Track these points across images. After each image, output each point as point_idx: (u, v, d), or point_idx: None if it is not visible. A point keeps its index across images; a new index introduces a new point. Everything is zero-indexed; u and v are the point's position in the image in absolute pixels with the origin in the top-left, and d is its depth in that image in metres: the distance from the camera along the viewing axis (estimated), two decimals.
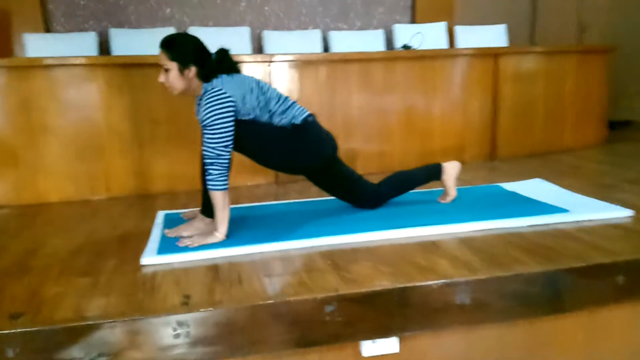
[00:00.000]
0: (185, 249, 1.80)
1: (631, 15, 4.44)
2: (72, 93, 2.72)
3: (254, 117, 1.97)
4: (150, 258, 1.74)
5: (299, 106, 2.09)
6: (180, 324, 1.37)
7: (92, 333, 1.33)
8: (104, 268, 1.73)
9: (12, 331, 1.30)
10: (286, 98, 2.07)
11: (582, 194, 2.39)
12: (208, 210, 2.00)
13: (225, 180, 1.85)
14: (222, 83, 1.90)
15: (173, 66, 1.89)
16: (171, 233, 2.00)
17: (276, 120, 2.01)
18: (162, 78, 1.93)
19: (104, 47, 3.96)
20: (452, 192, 2.33)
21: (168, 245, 1.84)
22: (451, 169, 2.32)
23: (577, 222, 2.00)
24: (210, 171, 1.84)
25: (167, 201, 2.65)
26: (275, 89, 2.07)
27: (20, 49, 3.81)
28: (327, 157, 2.13)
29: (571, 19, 4.84)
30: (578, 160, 3.32)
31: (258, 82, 2.02)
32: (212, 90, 1.87)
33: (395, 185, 2.33)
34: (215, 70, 1.93)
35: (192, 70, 1.90)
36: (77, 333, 1.32)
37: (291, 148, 2.04)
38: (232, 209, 1.94)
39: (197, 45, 1.93)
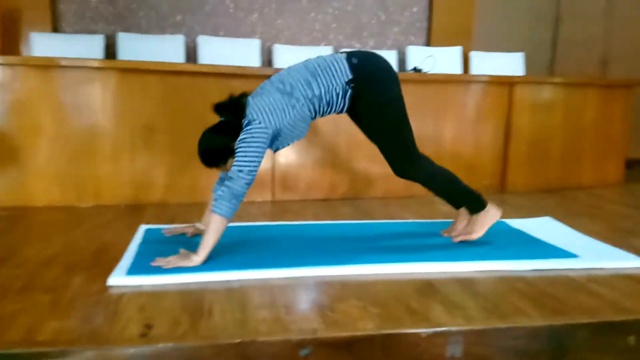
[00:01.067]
0: (157, 270, 1.66)
1: None
2: (69, 95, 2.63)
3: (309, 112, 1.87)
4: (119, 278, 1.60)
5: (332, 59, 1.88)
6: (133, 358, 1.23)
7: None
8: (70, 285, 1.60)
9: None
10: (314, 66, 1.87)
11: (596, 237, 2.22)
12: None
13: (227, 207, 1.72)
14: (253, 115, 1.80)
15: (230, 162, 1.87)
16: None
17: (327, 97, 1.86)
18: None
19: (111, 50, 3.90)
20: (475, 234, 2.08)
21: (140, 265, 1.71)
22: (497, 214, 2.10)
23: (588, 269, 1.83)
24: (219, 190, 1.75)
25: (155, 214, 2.53)
26: (295, 73, 1.87)
27: (28, 47, 3.76)
28: (395, 74, 1.98)
29: (595, 51, 4.70)
30: (595, 199, 3.14)
31: (278, 88, 1.84)
32: (247, 124, 1.80)
33: (437, 173, 2.06)
34: (233, 126, 1.83)
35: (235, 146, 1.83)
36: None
37: (377, 97, 1.90)
38: None
39: (212, 135, 1.88)
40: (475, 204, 2.09)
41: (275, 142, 1.88)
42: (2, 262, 1.79)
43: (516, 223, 2.43)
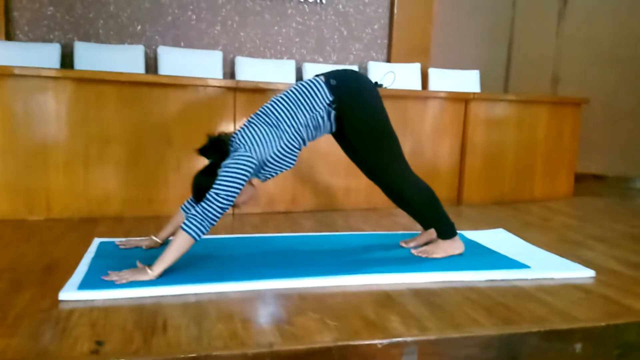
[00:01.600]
0: (110, 284, 1.62)
1: (606, 69, 4.51)
2: (21, 105, 2.54)
3: (298, 142, 1.89)
4: (70, 293, 1.55)
5: (311, 83, 1.91)
6: None
7: None
8: (17, 301, 1.54)
9: None
10: (295, 95, 1.90)
11: (546, 248, 2.30)
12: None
13: (197, 228, 1.70)
14: (241, 144, 1.83)
15: None
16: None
17: (314, 122, 1.90)
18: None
19: (68, 60, 3.81)
20: (435, 255, 2.10)
21: (92, 280, 1.66)
22: (461, 247, 2.15)
23: (538, 279, 1.90)
24: (194, 209, 1.73)
25: (110, 227, 2.47)
26: (278, 105, 1.90)
27: None
28: (376, 89, 2.02)
29: (546, 70, 4.90)
30: (546, 211, 3.26)
31: (265, 121, 1.87)
32: (234, 151, 1.82)
33: (425, 192, 2.10)
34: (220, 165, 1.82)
35: None
36: None
37: (361, 114, 1.92)
38: None
39: (202, 177, 1.86)
40: (446, 230, 2.14)
41: (262, 172, 1.91)
42: None
43: (471, 234, 2.49)
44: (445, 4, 4.82)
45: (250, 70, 4.10)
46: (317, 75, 1.98)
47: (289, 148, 1.89)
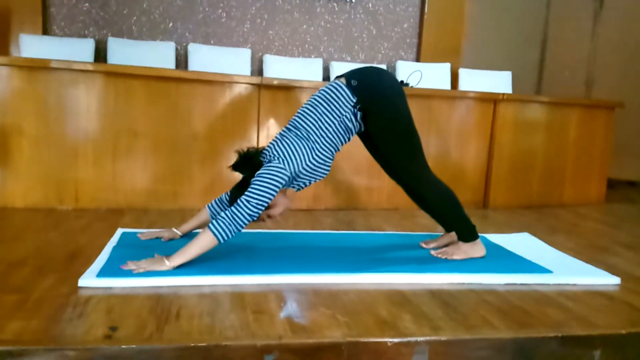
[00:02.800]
0: (127, 273, 1.65)
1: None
2: (54, 97, 2.63)
3: (330, 150, 1.92)
4: (89, 280, 1.59)
5: (333, 88, 1.91)
6: (95, 359, 1.22)
7: None
8: (39, 286, 1.59)
9: None
10: (320, 103, 1.90)
11: (572, 254, 2.24)
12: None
13: (224, 231, 1.72)
14: (275, 156, 1.85)
15: None
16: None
17: (342, 126, 1.91)
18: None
19: (101, 55, 3.92)
20: (454, 257, 2.07)
21: (112, 268, 1.70)
22: (482, 251, 2.11)
23: (560, 285, 1.85)
24: (223, 212, 1.75)
25: (135, 218, 2.52)
26: (306, 116, 1.90)
27: (17, 49, 3.76)
28: (398, 86, 2.01)
29: (580, 73, 4.77)
30: (574, 217, 3.17)
31: (296, 134, 1.89)
32: (268, 161, 1.84)
33: (445, 194, 2.07)
34: (253, 167, 1.85)
35: None
36: None
37: (383, 111, 1.92)
38: (195, 234, 1.82)
39: (238, 191, 1.87)
40: (467, 233, 2.10)
41: (295, 181, 1.92)
42: None
43: (494, 238, 2.44)
44: (477, 5, 4.75)
45: (278, 68, 4.12)
46: (337, 77, 1.98)
47: (321, 159, 1.90)
